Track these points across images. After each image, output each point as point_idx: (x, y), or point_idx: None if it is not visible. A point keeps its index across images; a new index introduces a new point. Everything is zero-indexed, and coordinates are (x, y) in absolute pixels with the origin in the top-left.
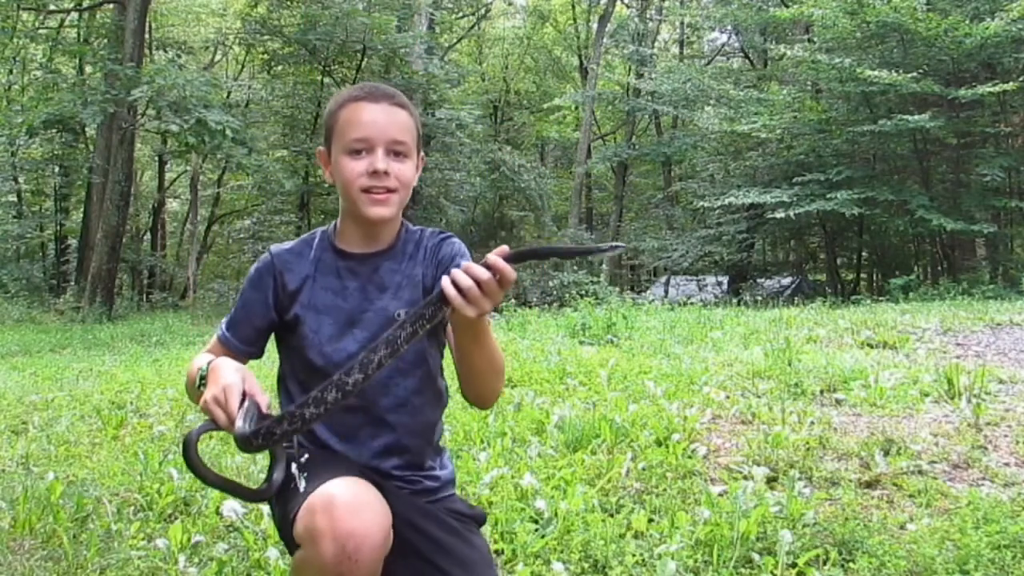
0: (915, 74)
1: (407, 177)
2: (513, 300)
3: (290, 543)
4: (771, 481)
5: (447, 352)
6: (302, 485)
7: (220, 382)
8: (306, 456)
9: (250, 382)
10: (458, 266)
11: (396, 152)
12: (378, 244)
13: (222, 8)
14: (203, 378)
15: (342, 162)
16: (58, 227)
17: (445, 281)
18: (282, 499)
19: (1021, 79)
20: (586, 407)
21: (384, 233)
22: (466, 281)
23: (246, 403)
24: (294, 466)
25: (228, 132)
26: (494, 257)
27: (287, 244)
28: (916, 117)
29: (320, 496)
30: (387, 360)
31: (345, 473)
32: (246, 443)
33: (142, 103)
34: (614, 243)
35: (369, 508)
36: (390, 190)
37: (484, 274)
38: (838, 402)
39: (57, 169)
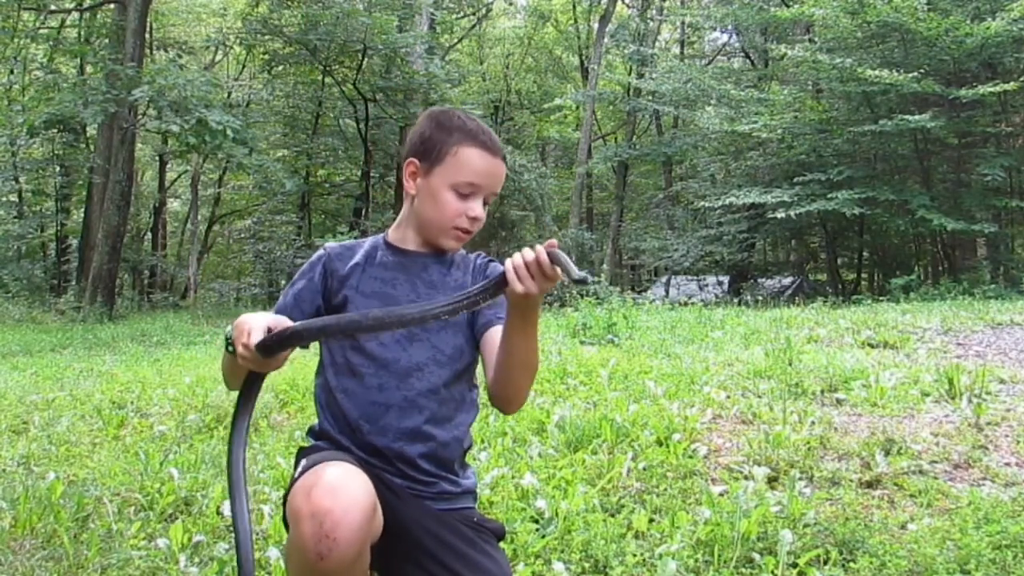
0: (916, 74)
1: (484, 220)
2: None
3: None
4: (772, 481)
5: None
6: (298, 472)
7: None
8: (319, 451)
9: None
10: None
11: (487, 201)
12: (431, 250)
13: (223, 8)
14: (228, 339)
15: (446, 196)
16: (59, 227)
17: (508, 261)
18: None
19: (1022, 79)
20: (587, 407)
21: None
22: (519, 260)
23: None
24: (303, 460)
25: (229, 132)
26: (538, 248)
27: (342, 243)
28: (917, 117)
29: (306, 479)
30: (444, 314)
31: (339, 460)
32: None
33: (143, 103)
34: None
35: (347, 489)
36: (470, 232)
37: (530, 256)
38: (839, 402)
39: (58, 169)
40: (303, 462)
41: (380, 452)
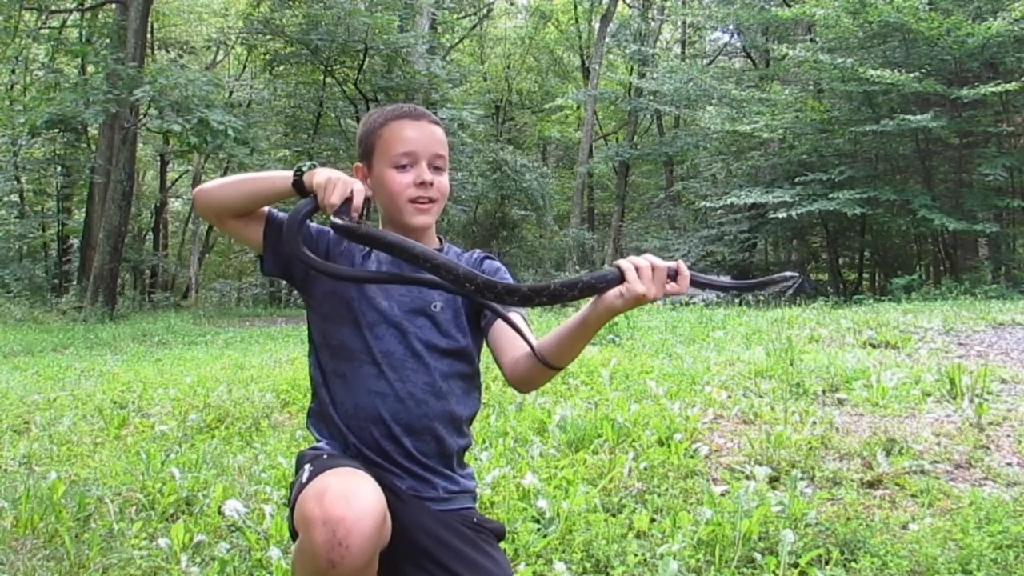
0: (917, 74)
1: (446, 188)
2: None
3: (294, 535)
4: (773, 481)
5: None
6: (305, 477)
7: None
8: (324, 456)
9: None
10: (503, 278)
11: (436, 166)
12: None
13: (224, 8)
14: (300, 170)
15: (388, 175)
16: (60, 227)
17: (623, 261)
18: (292, 492)
19: (1023, 79)
20: (588, 407)
21: (424, 238)
22: (644, 262)
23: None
24: (307, 464)
25: (230, 132)
26: (682, 263)
27: None
28: (918, 117)
29: (315, 485)
30: (543, 301)
31: (347, 466)
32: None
33: (144, 103)
34: (787, 274)
35: (360, 496)
36: (432, 200)
37: (662, 263)
38: (840, 402)
39: (59, 169)
40: (307, 467)
41: (380, 446)
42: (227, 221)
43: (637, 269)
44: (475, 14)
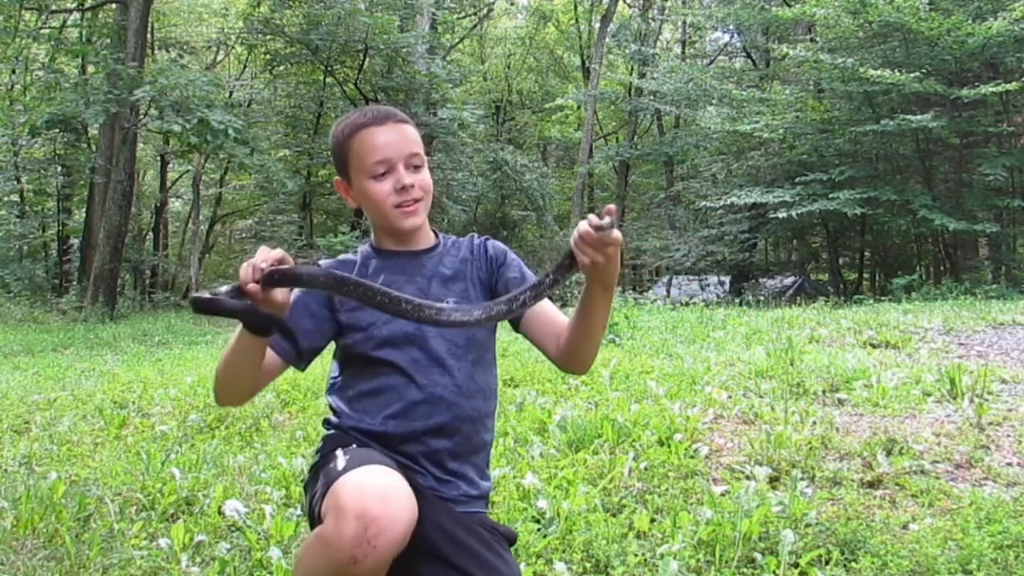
0: (917, 74)
1: (428, 184)
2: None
3: (313, 520)
4: (773, 481)
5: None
6: (341, 464)
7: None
8: (353, 445)
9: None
10: (512, 262)
11: (414, 165)
12: (418, 245)
13: (224, 8)
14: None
15: (368, 186)
16: (60, 227)
17: (572, 237)
18: (319, 473)
19: (1023, 79)
20: (588, 407)
21: (419, 238)
22: (576, 232)
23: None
24: (339, 450)
25: (230, 132)
26: (593, 216)
27: (335, 259)
28: (919, 117)
29: (356, 475)
30: (525, 305)
31: (384, 464)
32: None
33: (144, 103)
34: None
35: (398, 499)
36: (416, 200)
37: (582, 225)
38: (840, 402)
39: (59, 169)
40: (341, 453)
41: (407, 450)
42: (252, 394)
43: (574, 243)
44: (475, 14)
